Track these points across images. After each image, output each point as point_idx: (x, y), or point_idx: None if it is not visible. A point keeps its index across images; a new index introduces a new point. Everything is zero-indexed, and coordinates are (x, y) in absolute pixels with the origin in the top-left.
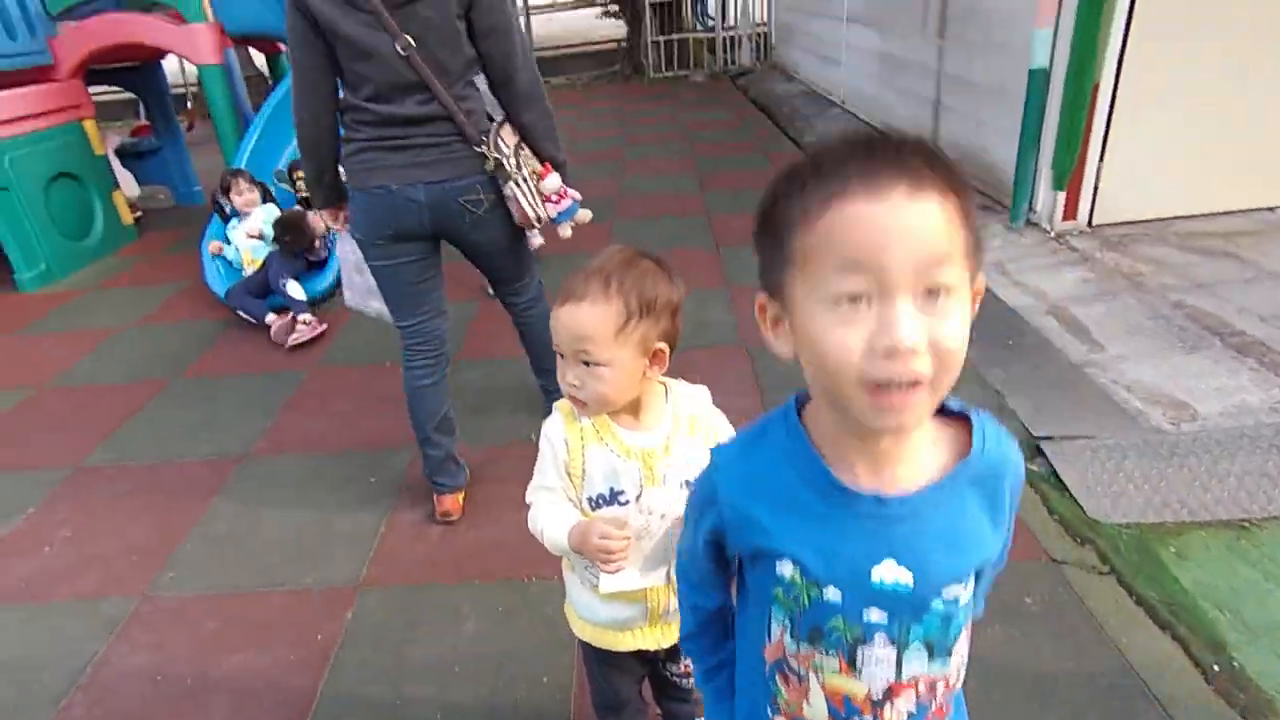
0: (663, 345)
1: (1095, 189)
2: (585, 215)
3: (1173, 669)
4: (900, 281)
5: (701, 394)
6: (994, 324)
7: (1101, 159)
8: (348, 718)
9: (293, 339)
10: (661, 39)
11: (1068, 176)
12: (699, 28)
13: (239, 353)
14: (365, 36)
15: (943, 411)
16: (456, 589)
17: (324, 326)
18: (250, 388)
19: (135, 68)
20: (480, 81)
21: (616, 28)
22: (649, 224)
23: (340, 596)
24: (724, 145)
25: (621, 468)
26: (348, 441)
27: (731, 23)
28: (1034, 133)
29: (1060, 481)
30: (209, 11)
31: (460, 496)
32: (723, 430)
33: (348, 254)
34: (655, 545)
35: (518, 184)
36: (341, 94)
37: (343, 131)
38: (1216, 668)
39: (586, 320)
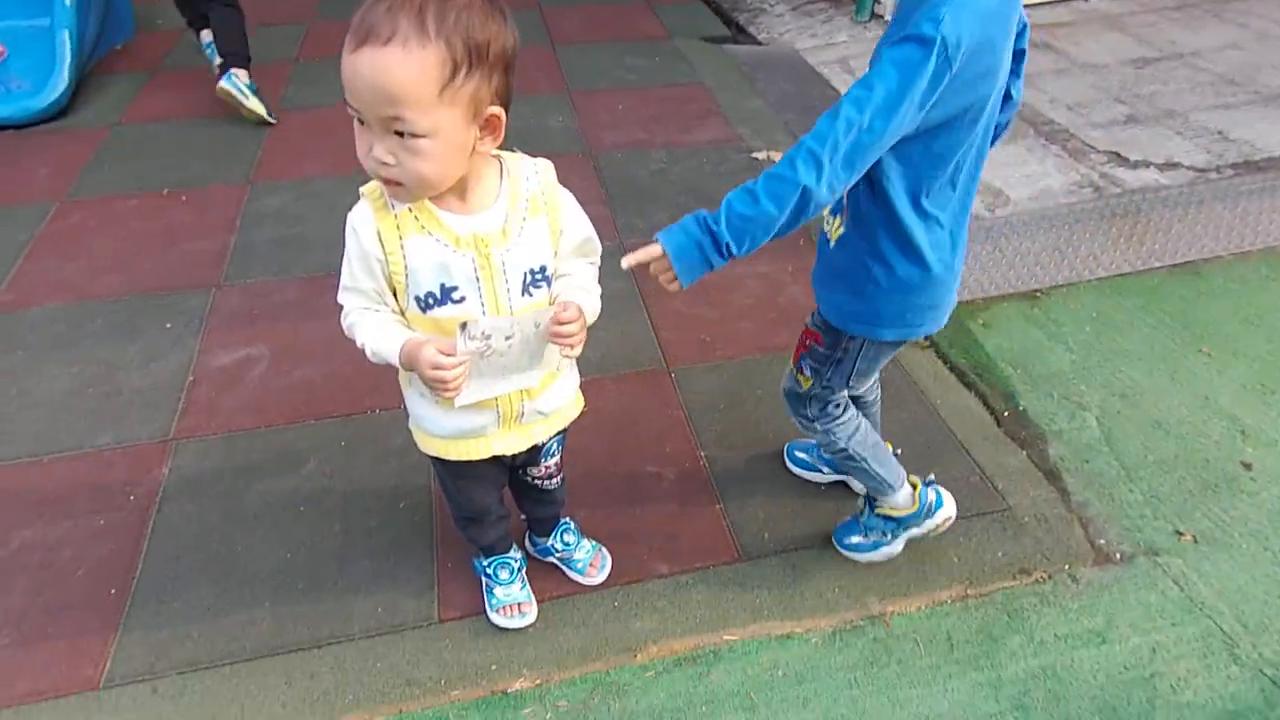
0: (497, 109)
1: None
2: None
3: (973, 418)
4: None
5: (545, 168)
6: None
7: None
8: (182, 577)
9: None
10: None
11: None
12: None
13: None
14: None
15: None
16: (289, 430)
17: None
18: None
19: None
20: None
21: None
22: None
23: (150, 454)
24: None
25: (452, 260)
26: (123, 286)
27: None
28: None
29: None
30: None
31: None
32: (571, 210)
33: None
34: (511, 356)
35: None
36: None
37: None
38: (1006, 413)
39: (399, 72)
